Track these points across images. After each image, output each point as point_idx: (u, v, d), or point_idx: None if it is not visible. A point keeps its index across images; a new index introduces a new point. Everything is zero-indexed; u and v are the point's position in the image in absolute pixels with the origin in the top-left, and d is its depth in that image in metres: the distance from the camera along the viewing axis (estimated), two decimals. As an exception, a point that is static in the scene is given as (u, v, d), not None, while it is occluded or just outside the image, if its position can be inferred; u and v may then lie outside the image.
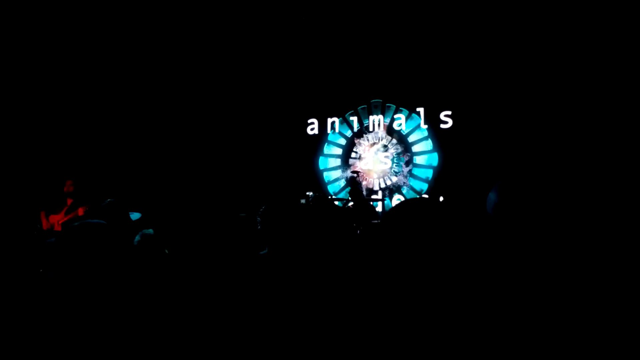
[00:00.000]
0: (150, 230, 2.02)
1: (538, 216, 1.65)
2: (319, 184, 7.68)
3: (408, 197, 7.13)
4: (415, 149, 7.22)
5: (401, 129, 7.30)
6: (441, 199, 6.67)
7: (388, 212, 1.26)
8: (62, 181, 4.70)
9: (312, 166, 7.79)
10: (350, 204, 6.14)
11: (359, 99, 7.55)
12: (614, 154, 5.72)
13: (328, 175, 7.72)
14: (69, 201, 4.63)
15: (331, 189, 7.63)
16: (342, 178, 7.62)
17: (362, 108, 7.57)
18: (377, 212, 6.45)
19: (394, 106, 7.37)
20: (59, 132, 6.97)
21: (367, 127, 7.52)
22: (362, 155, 7.53)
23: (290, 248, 1.36)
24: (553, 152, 6.07)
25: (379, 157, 7.42)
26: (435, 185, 7.00)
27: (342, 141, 7.69)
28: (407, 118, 7.28)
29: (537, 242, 1.54)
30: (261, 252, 2.76)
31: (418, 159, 7.19)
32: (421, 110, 7.18)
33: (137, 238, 2.06)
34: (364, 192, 6.76)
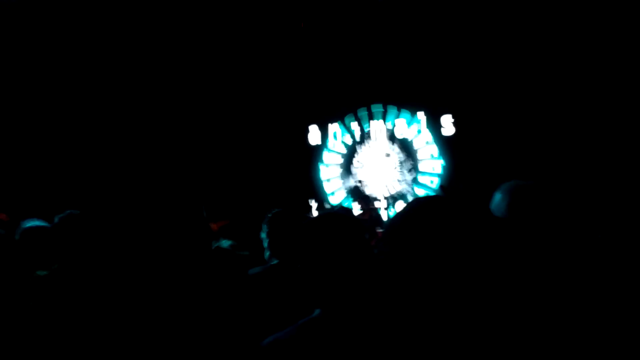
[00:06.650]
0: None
1: (559, 217, 1.56)
2: (318, 194, 7.36)
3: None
4: (419, 155, 6.96)
5: (403, 136, 7.04)
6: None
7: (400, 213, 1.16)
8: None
9: (311, 175, 7.48)
10: (357, 212, 5.89)
11: (358, 102, 7.28)
12: (621, 155, 5.57)
13: (329, 185, 7.41)
14: None
15: (332, 198, 7.32)
16: (344, 187, 7.31)
17: (362, 114, 7.31)
18: (383, 220, 6.18)
19: (396, 110, 7.12)
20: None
21: (369, 133, 7.25)
22: (364, 164, 7.25)
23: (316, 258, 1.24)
24: (561, 153, 5.89)
25: (381, 164, 7.14)
26: (442, 192, 6.72)
27: (343, 149, 7.40)
28: (409, 123, 7.03)
29: (560, 243, 1.45)
30: (272, 263, 2.45)
31: (422, 166, 6.93)
32: (422, 114, 6.94)
33: None
34: (369, 202, 6.50)
